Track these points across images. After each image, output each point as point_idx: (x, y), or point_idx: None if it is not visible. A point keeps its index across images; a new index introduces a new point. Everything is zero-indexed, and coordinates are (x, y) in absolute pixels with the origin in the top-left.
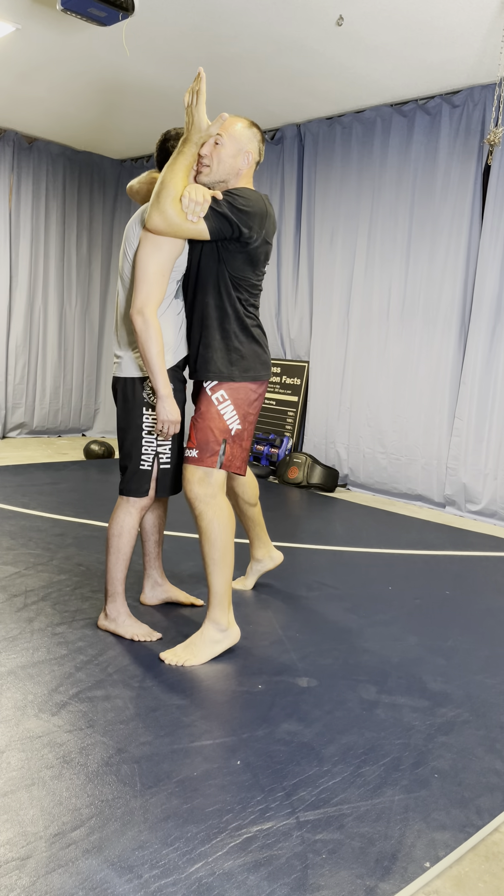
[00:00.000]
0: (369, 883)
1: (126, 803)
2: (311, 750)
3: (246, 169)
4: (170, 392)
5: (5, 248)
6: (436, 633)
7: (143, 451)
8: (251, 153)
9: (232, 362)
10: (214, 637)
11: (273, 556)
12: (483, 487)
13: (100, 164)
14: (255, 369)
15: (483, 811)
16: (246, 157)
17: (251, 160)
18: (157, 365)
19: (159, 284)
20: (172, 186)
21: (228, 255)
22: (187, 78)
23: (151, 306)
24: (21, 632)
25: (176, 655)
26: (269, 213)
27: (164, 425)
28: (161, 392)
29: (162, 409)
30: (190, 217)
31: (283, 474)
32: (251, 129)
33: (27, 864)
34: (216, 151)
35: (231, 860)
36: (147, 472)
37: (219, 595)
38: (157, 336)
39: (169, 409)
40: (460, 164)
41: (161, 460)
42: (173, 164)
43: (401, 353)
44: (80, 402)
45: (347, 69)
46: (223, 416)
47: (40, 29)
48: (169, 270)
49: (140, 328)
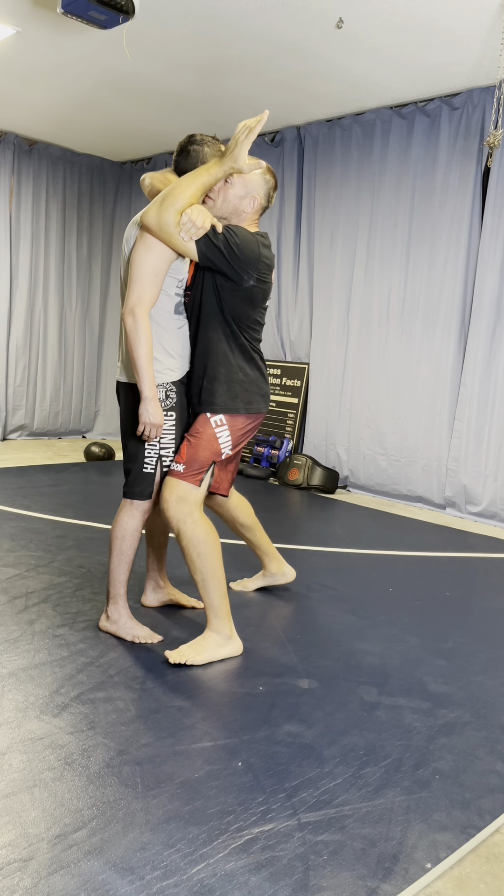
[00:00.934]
0: (371, 884)
1: (128, 805)
2: (312, 751)
3: (250, 213)
4: (154, 395)
5: (6, 250)
6: (436, 634)
7: (146, 454)
8: (257, 199)
9: (236, 395)
10: (218, 641)
11: (285, 572)
12: (483, 489)
13: (100, 166)
14: (256, 402)
15: (484, 812)
16: (252, 202)
17: (256, 205)
18: (144, 366)
19: (152, 286)
20: (181, 197)
21: (226, 293)
22: (187, 80)
23: (143, 307)
24: (22, 634)
25: (181, 654)
26: (263, 255)
27: (145, 427)
28: (146, 394)
29: (144, 411)
30: (182, 234)
31: (283, 476)
32: (264, 176)
33: (29, 865)
34: (224, 189)
35: (233, 861)
36: (150, 476)
37: (215, 608)
38: (146, 337)
39: (152, 411)
40: (460, 166)
41: (164, 463)
42: (194, 177)
43: (401, 355)
44: (80, 404)
45: (347, 71)
46: (218, 440)
47: (41, 32)
48: (162, 273)
49: (130, 328)
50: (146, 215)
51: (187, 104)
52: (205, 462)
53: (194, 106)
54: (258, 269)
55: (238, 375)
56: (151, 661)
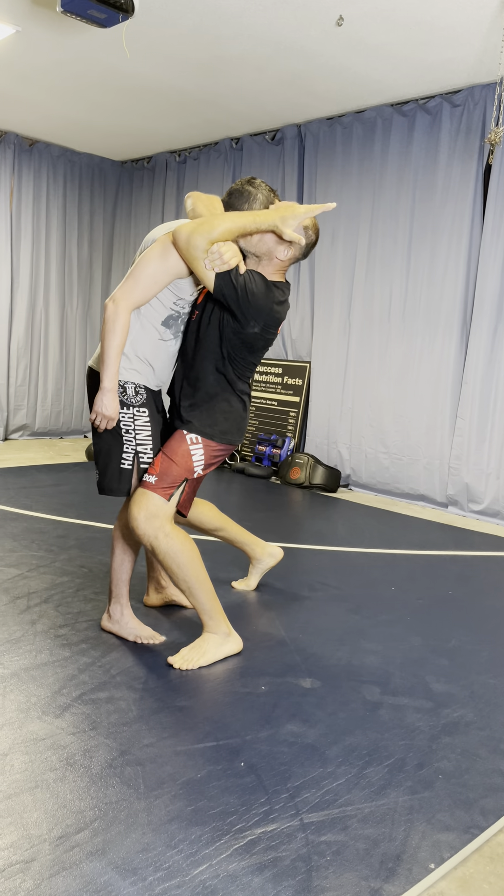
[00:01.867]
0: (374, 885)
1: (130, 805)
2: (314, 751)
3: (283, 260)
4: (114, 387)
5: (6, 250)
6: (439, 633)
7: (124, 450)
8: (293, 250)
9: (215, 423)
10: (218, 640)
11: (272, 553)
12: (485, 487)
13: (100, 165)
14: (231, 434)
15: (488, 812)
16: (286, 250)
17: (290, 255)
18: (112, 357)
19: (146, 289)
20: (220, 229)
21: (228, 330)
22: (187, 79)
23: (128, 302)
24: (24, 634)
25: (184, 659)
26: (274, 310)
27: (97, 417)
28: (106, 384)
29: (100, 401)
30: (206, 262)
31: (285, 475)
32: (307, 231)
33: (31, 866)
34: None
35: (235, 862)
36: (128, 472)
37: (207, 610)
38: (122, 330)
39: (107, 402)
40: (461, 163)
41: (141, 460)
42: (239, 217)
43: (402, 353)
44: (81, 404)
45: (347, 69)
46: (192, 456)
47: (40, 31)
48: (162, 282)
49: (109, 315)
50: (179, 231)
51: (187, 103)
52: (177, 478)
53: (194, 104)
54: (265, 321)
55: (222, 405)
56: (153, 661)
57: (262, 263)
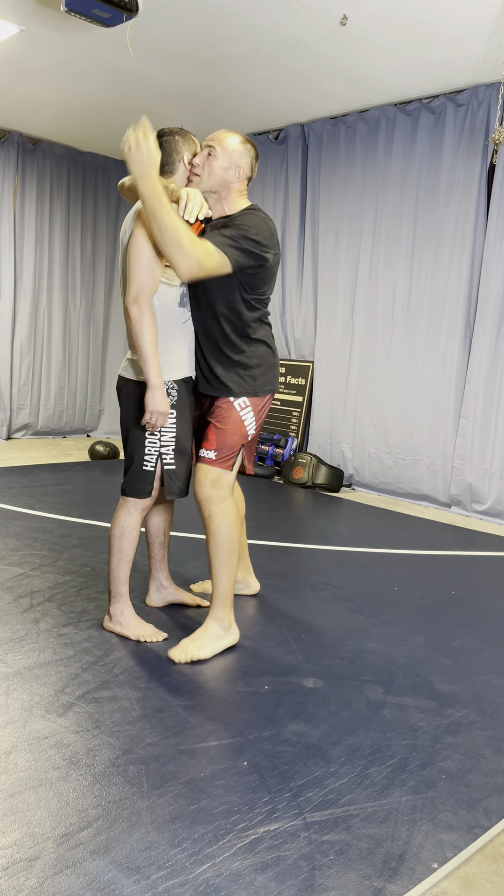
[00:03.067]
0: (377, 884)
1: (133, 804)
2: (317, 751)
3: (237, 183)
4: (160, 383)
5: (10, 249)
6: (442, 633)
7: (147, 451)
8: (242, 168)
9: (254, 378)
10: (218, 633)
11: (250, 584)
12: (489, 487)
13: (104, 164)
14: (271, 382)
15: (491, 812)
16: (237, 171)
17: (241, 174)
18: (150, 354)
19: (153, 272)
20: (179, 229)
21: (247, 278)
22: (191, 78)
23: (146, 295)
24: (27, 633)
25: (184, 651)
26: (272, 228)
27: (151, 416)
28: (152, 382)
29: (151, 399)
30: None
31: (287, 474)
32: (245, 145)
33: (35, 864)
34: (208, 162)
35: (238, 861)
36: (150, 473)
37: (223, 595)
38: (151, 325)
39: (158, 399)
40: (465, 163)
41: (165, 461)
42: (160, 209)
43: (406, 353)
44: (84, 403)
45: (351, 68)
46: (244, 422)
47: (44, 30)
48: (161, 259)
49: (135, 317)
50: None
51: (191, 102)
52: (234, 446)
53: (198, 103)
54: (274, 242)
55: (254, 358)
56: (156, 660)
57: (223, 197)
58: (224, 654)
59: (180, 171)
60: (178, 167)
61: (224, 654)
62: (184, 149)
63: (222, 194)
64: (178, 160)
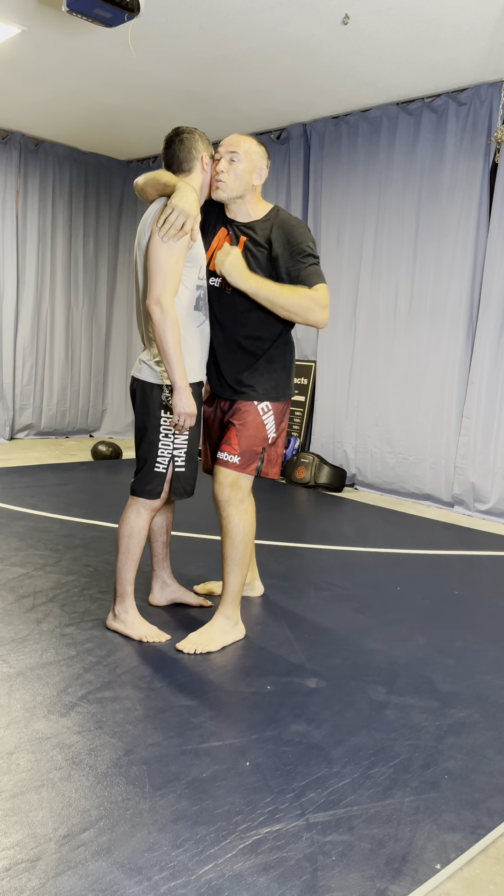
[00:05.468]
0: (380, 885)
1: (135, 805)
2: (320, 751)
3: (259, 185)
4: (186, 384)
5: (12, 249)
6: (445, 633)
7: (159, 453)
8: (263, 170)
9: (277, 383)
10: (225, 628)
11: (255, 587)
12: (491, 487)
13: (106, 165)
14: (290, 388)
15: (494, 813)
16: (259, 174)
17: (263, 176)
18: (175, 355)
19: (174, 273)
20: (299, 298)
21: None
22: (192, 78)
23: (168, 296)
24: (30, 633)
25: (192, 643)
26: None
27: (180, 418)
28: (178, 384)
29: (179, 401)
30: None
31: (290, 474)
32: (260, 147)
33: (37, 865)
34: (232, 168)
35: (241, 862)
36: (161, 475)
37: (233, 593)
38: (174, 326)
39: (186, 401)
40: (467, 162)
41: (176, 463)
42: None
43: (408, 353)
44: (87, 404)
45: (353, 68)
46: (265, 426)
47: (46, 31)
48: (182, 260)
49: (158, 318)
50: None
51: (192, 102)
52: (256, 450)
53: (199, 103)
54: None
55: (278, 362)
56: (159, 660)
57: (247, 201)
58: (227, 654)
59: (196, 170)
60: (195, 165)
61: (227, 654)
62: (202, 148)
63: (247, 198)
64: (197, 158)
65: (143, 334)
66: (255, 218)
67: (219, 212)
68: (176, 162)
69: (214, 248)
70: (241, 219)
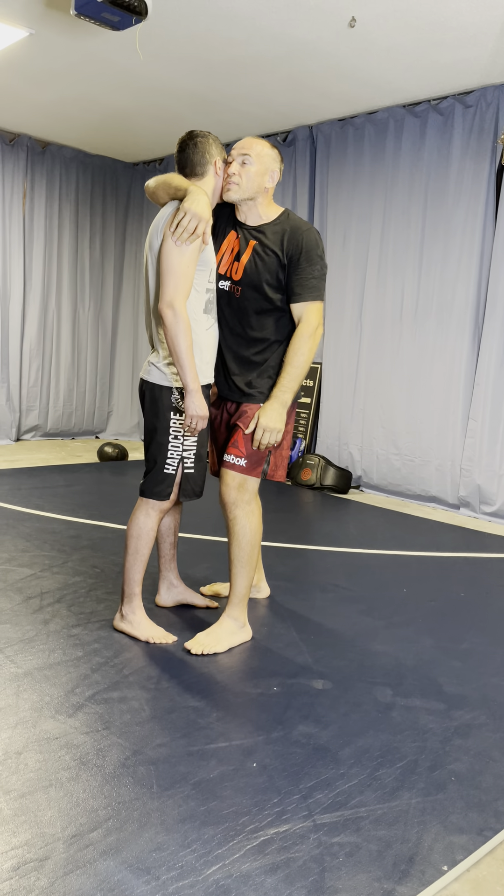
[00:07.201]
0: (387, 886)
1: (143, 805)
2: (327, 752)
3: (271, 187)
4: (198, 387)
5: (19, 251)
6: (451, 635)
7: (169, 454)
8: (275, 172)
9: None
10: (233, 629)
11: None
12: (498, 489)
13: (112, 167)
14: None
15: (501, 814)
16: (271, 176)
17: (275, 179)
18: (187, 359)
19: (187, 277)
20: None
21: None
22: (199, 80)
23: (181, 299)
24: (37, 633)
25: (200, 644)
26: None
27: (192, 420)
28: (190, 386)
29: (191, 403)
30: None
31: (296, 476)
32: (273, 150)
33: (45, 865)
34: (245, 170)
35: (248, 862)
36: (170, 476)
37: (240, 595)
38: (186, 329)
39: (198, 403)
40: (473, 164)
41: (185, 465)
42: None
43: (414, 354)
44: (93, 405)
45: (360, 70)
46: None
47: (54, 34)
48: (195, 263)
49: (170, 321)
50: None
51: (199, 104)
52: (263, 453)
53: (206, 106)
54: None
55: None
56: (166, 660)
57: (259, 203)
58: (233, 655)
59: (209, 174)
60: (208, 169)
61: (233, 655)
62: (216, 152)
63: (258, 200)
64: (210, 162)
65: (152, 336)
66: (265, 221)
67: (228, 215)
68: (189, 165)
69: (224, 252)
70: (252, 222)
